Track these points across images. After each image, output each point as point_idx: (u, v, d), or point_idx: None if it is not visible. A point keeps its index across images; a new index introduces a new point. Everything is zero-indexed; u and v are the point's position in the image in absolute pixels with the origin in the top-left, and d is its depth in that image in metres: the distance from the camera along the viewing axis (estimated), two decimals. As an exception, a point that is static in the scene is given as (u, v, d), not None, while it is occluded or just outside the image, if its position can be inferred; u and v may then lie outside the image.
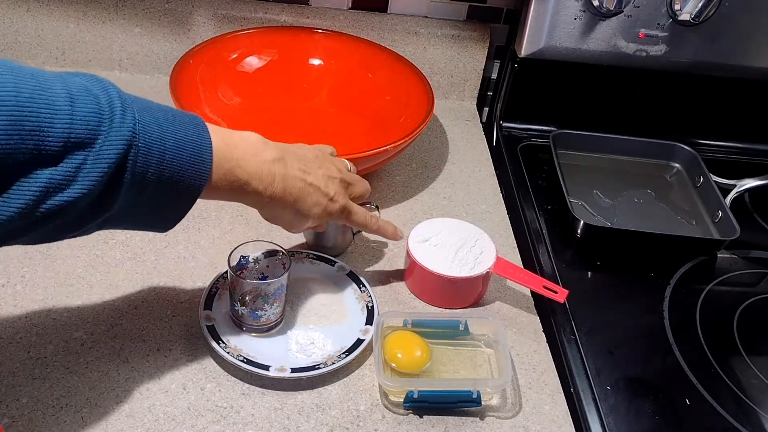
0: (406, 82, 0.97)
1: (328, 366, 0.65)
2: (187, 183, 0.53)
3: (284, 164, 0.61)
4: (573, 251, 0.87)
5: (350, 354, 0.67)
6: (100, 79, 0.50)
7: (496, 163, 1.01)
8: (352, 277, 0.75)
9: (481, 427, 0.65)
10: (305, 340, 0.69)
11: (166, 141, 0.51)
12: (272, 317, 0.68)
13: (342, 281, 0.75)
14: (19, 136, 0.42)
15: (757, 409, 0.70)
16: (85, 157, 0.45)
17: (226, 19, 1.04)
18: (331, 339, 0.70)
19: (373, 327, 0.69)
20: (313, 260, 0.77)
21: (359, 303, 0.73)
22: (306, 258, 0.77)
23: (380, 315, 0.70)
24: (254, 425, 0.62)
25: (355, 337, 0.69)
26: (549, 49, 0.99)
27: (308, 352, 0.68)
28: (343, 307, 0.73)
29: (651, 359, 0.74)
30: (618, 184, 0.99)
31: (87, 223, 0.49)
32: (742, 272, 0.87)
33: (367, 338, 0.68)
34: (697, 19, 0.95)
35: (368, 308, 0.72)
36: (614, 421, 0.66)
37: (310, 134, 0.98)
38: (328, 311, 0.73)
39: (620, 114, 1.07)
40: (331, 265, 0.77)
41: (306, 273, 0.76)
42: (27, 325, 0.67)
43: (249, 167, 0.58)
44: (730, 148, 1.10)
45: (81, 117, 0.45)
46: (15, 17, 1.01)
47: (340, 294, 0.75)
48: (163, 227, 0.56)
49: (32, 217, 0.44)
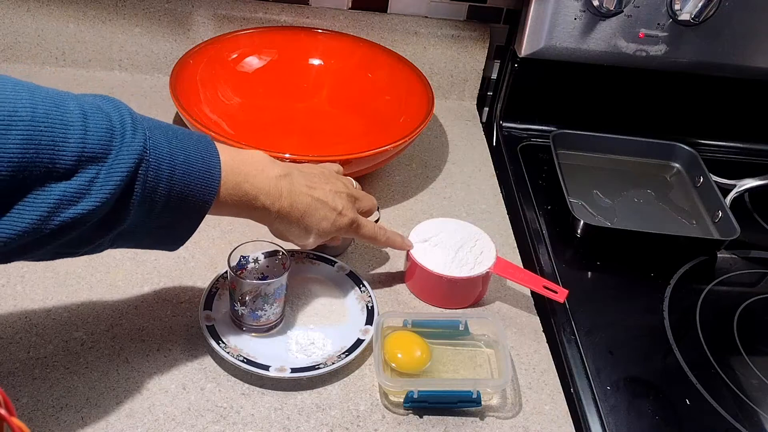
0: (406, 82, 0.97)
1: (328, 366, 0.65)
2: (197, 197, 0.54)
3: (290, 180, 0.62)
4: (573, 251, 0.87)
5: (350, 354, 0.67)
6: (113, 99, 0.52)
7: (496, 163, 1.01)
8: (352, 277, 0.75)
9: (481, 427, 0.65)
10: (305, 340, 0.69)
11: (175, 157, 0.52)
12: (272, 317, 0.68)
13: (342, 281, 0.75)
14: (35, 151, 0.44)
15: (757, 409, 0.70)
16: (97, 171, 0.47)
17: (226, 19, 1.04)
18: (331, 339, 0.69)
19: (373, 327, 0.69)
20: (313, 260, 0.77)
21: (359, 303, 0.73)
22: (306, 258, 0.77)
23: (380, 315, 0.70)
24: (254, 425, 0.62)
25: (355, 337, 0.69)
26: (549, 49, 0.99)
27: (308, 352, 0.68)
28: (343, 307, 0.73)
29: (651, 359, 0.74)
30: (618, 184, 0.99)
31: (99, 238, 0.51)
32: (742, 272, 0.87)
33: (367, 338, 0.68)
34: (697, 19, 0.95)
35: (368, 308, 0.72)
36: (614, 421, 0.66)
37: (310, 134, 0.98)
38: (328, 311, 0.73)
39: (620, 114, 1.07)
40: (331, 265, 0.77)
41: (306, 273, 0.76)
42: (27, 325, 0.67)
43: (256, 182, 0.59)
44: (730, 148, 1.10)
45: (94, 133, 0.47)
46: (15, 17, 1.01)
47: (340, 294, 0.75)
48: (172, 244, 0.58)
49: (46, 229, 0.46)
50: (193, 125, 0.81)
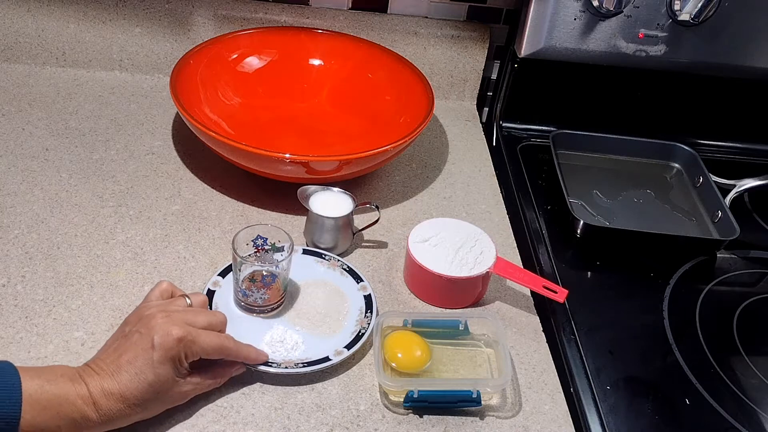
0: (406, 82, 0.97)
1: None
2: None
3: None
4: (573, 251, 0.87)
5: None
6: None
7: (496, 163, 1.01)
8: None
9: (481, 426, 0.65)
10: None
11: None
12: (258, 301, 0.69)
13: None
14: None
15: (757, 409, 0.70)
16: None
17: (226, 20, 1.04)
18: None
19: (372, 324, 0.69)
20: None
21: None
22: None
23: (380, 315, 0.70)
24: (254, 425, 0.62)
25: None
26: (549, 50, 1.00)
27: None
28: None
29: (651, 359, 0.74)
30: (618, 184, 0.99)
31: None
32: (742, 272, 0.87)
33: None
34: (696, 19, 0.95)
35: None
36: (614, 421, 0.66)
37: (310, 134, 0.98)
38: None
39: (620, 114, 1.08)
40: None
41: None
42: (27, 325, 0.68)
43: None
44: (729, 148, 1.11)
45: None
46: (16, 17, 1.01)
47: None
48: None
49: None
50: (194, 125, 0.81)
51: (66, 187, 0.85)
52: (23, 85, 1.01)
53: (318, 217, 0.77)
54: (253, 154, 0.79)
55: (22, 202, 0.81)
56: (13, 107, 0.97)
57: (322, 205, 0.78)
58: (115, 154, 0.91)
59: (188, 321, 0.60)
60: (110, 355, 0.58)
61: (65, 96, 1.00)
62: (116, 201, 0.84)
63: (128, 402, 0.56)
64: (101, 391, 0.55)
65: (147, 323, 0.58)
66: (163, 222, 0.82)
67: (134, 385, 0.56)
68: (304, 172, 0.81)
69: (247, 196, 0.87)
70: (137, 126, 0.97)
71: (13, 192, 0.83)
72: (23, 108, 0.97)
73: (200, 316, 0.62)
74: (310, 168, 0.81)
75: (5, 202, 0.81)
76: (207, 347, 0.60)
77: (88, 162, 0.89)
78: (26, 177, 0.85)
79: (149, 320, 0.59)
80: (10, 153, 0.89)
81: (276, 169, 0.82)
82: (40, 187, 0.84)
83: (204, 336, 0.60)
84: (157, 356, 0.57)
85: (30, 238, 0.77)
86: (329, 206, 0.78)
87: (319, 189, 0.79)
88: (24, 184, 0.84)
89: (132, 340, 0.58)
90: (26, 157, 0.88)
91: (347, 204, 0.79)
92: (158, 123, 0.98)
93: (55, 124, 0.95)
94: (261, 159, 0.80)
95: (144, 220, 0.81)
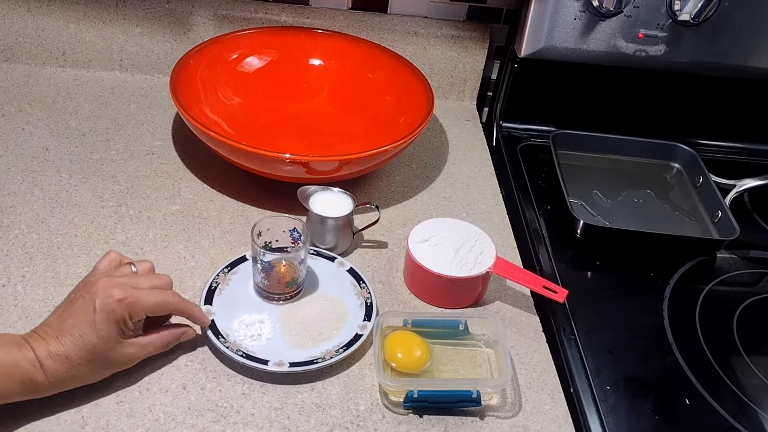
0: (406, 82, 0.97)
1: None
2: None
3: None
4: (573, 251, 0.87)
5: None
6: None
7: (496, 163, 1.01)
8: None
9: (481, 426, 0.65)
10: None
11: None
12: (260, 285, 0.72)
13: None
14: None
15: (757, 409, 0.70)
16: None
17: (226, 20, 1.04)
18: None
19: (372, 324, 0.69)
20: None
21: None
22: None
23: (380, 315, 0.70)
24: (254, 425, 0.62)
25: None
26: (549, 49, 1.00)
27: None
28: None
29: (651, 359, 0.74)
30: (618, 184, 0.99)
31: None
32: (742, 272, 0.87)
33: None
34: (696, 19, 0.95)
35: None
36: (614, 421, 0.66)
37: (310, 134, 0.98)
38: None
39: (620, 114, 1.08)
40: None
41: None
42: (27, 325, 0.67)
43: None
44: (729, 148, 1.11)
45: None
46: (16, 17, 1.01)
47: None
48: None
49: None
50: (194, 125, 0.81)
51: (66, 187, 0.85)
52: (23, 85, 1.01)
53: (318, 217, 0.77)
54: (253, 154, 0.79)
55: (22, 202, 0.81)
56: (13, 107, 0.97)
57: (322, 205, 0.78)
58: (115, 154, 0.91)
59: (131, 284, 0.61)
60: (55, 320, 0.60)
61: (65, 96, 1.00)
62: (116, 201, 0.84)
63: (73, 363, 0.58)
64: (47, 354, 0.57)
65: (90, 288, 0.60)
66: (163, 222, 0.82)
67: (78, 347, 0.58)
68: (304, 172, 0.81)
69: (247, 196, 0.87)
70: (137, 126, 0.97)
71: (13, 192, 0.83)
72: (23, 108, 0.97)
73: (143, 279, 0.64)
74: (310, 168, 0.81)
75: (5, 202, 0.81)
76: (149, 304, 0.61)
77: (88, 162, 0.89)
78: (26, 177, 0.85)
79: (92, 285, 0.60)
80: (10, 153, 0.89)
81: (276, 169, 0.82)
82: (40, 187, 0.84)
83: (146, 294, 0.61)
84: (99, 318, 0.59)
85: (30, 238, 0.77)
86: (329, 206, 0.78)
87: (319, 189, 0.79)
88: (24, 184, 0.84)
89: (76, 305, 0.60)
90: (26, 157, 0.88)
91: (347, 204, 0.79)
92: (158, 123, 0.98)
93: (55, 124, 0.95)
94: (261, 159, 0.80)
95: (144, 220, 0.81)
